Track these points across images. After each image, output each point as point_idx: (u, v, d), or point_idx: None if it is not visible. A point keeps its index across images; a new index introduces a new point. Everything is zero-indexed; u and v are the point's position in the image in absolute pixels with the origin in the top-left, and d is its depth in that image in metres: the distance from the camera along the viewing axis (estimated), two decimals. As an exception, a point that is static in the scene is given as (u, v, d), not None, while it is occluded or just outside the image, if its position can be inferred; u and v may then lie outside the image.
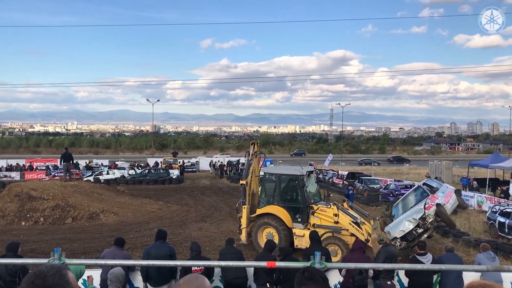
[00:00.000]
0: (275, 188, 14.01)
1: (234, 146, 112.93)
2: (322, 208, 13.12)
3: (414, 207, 11.85)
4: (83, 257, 13.21)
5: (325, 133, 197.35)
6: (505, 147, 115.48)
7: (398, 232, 11.40)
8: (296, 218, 13.33)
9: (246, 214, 13.59)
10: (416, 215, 11.34)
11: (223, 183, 37.66)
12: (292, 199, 14.02)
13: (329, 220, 12.82)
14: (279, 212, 13.22)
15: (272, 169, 16.89)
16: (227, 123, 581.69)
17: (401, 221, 11.65)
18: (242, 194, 13.79)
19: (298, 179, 13.69)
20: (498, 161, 29.82)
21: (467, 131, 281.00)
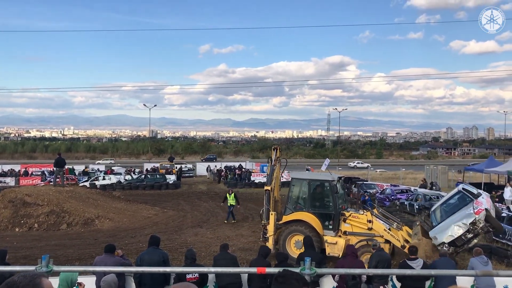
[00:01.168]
0: (305, 194, 13.63)
1: (231, 151, 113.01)
2: (355, 215, 12.79)
3: (459, 211, 11.63)
4: (77, 264, 13.15)
5: (323, 138, 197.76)
6: (500, 151, 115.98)
7: (447, 237, 11.17)
8: (327, 225, 12.95)
9: (273, 221, 13.07)
10: (466, 220, 11.08)
11: (220, 188, 37.56)
12: (323, 205, 13.64)
13: (362, 226, 12.50)
14: (309, 219, 12.78)
15: (301, 174, 16.47)
16: (224, 128, 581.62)
17: (448, 226, 11.41)
18: (267, 201, 13.28)
19: (331, 185, 13.36)
20: (493, 165, 29.89)
21: (463, 136, 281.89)
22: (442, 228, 11.50)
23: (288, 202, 13.74)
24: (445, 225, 11.53)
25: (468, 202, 11.63)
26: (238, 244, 16.32)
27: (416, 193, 26.48)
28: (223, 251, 8.53)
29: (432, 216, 12.57)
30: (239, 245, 16.14)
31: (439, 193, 26.48)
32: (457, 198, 12.31)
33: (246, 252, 14.73)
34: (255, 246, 14.90)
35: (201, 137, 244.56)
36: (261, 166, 50.61)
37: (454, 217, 11.50)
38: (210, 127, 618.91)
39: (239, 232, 18.70)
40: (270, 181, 13.60)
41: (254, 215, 23.13)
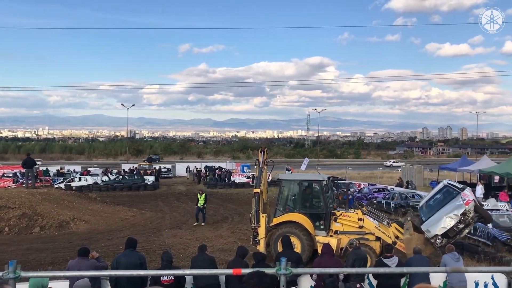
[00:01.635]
0: (296, 195, 13.57)
1: (211, 151, 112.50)
2: (346, 214, 12.88)
3: (447, 204, 11.85)
4: (50, 268, 12.85)
5: (302, 138, 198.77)
6: (473, 151, 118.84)
7: (440, 229, 11.40)
8: (318, 225, 12.95)
9: (264, 223, 12.87)
10: (457, 211, 11.34)
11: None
12: (314, 205, 13.66)
13: (353, 225, 12.61)
14: (301, 220, 12.73)
15: (290, 176, 16.27)
16: (204, 128, 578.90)
17: (440, 218, 11.63)
18: (256, 203, 13.00)
19: (321, 185, 13.42)
20: (466, 164, 30.67)
21: (438, 136, 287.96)
22: (434, 221, 11.72)
23: (278, 203, 13.64)
24: (436, 218, 11.75)
25: (455, 195, 11.89)
26: (217, 245, 16.25)
27: (393, 192, 26.91)
28: (201, 252, 8.47)
29: (421, 211, 12.78)
30: (218, 246, 16.08)
31: (414, 192, 26.99)
32: (443, 192, 12.53)
33: (225, 253, 14.68)
34: (234, 247, 14.84)
35: (180, 137, 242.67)
36: (241, 166, 50.64)
37: (444, 210, 11.74)
38: (190, 127, 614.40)
39: (219, 233, 18.63)
40: (259, 183, 13.39)
41: (234, 216, 23.11)
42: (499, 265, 11.78)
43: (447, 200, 11.97)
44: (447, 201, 11.96)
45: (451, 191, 12.15)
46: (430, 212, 12.21)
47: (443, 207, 11.87)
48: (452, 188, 12.26)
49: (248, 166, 52.10)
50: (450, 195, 12.04)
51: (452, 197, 11.90)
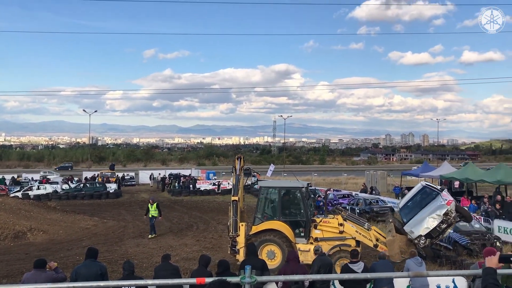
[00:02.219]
0: (275, 203, 13.30)
1: (176, 158, 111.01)
2: (326, 220, 12.77)
3: (428, 205, 12.03)
4: (5, 281, 12.20)
5: (269, 145, 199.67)
6: (434, 157, 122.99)
7: (423, 229, 11.59)
8: (298, 232, 12.74)
9: (244, 232, 12.61)
10: (439, 211, 11.54)
11: (164, 197, 36.71)
12: (294, 213, 13.39)
13: (333, 231, 12.50)
14: (281, 228, 12.49)
15: (269, 183, 15.89)
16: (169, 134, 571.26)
17: (422, 219, 11.78)
18: (234, 212, 12.75)
19: (301, 192, 13.21)
20: (427, 170, 31.58)
21: (401, 142, 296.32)
22: (416, 222, 11.90)
23: (256, 211, 13.34)
24: (418, 219, 11.94)
25: (434, 195, 12.18)
26: (181, 254, 15.98)
27: (357, 197, 27.34)
28: (164, 261, 8.28)
29: (401, 213, 12.93)
30: (182, 255, 15.80)
31: (378, 197, 27.52)
32: (421, 193, 12.79)
33: (190, 262, 14.44)
34: (199, 255, 14.61)
35: (144, 144, 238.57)
36: (207, 173, 50.19)
37: (426, 211, 11.94)
38: (154, 134, 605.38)
39: (183, 242, 18.31)
40: (237, 191, 13.20)
41: (199, 224, 22.80)
42: (459, 269, 12.11)
43: (427, 201, 12.24)
44: (427, 202, 12.23)
45: (429, 192, 12.45)
46: (411, 213, 12.42)
47: (423, 208, 12.10)
48: (430, 189, 12.59)
49: (214, 173, 51.72)
50: (429, 196, 12.33)
51: (431, 197, 12.19)
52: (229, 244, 13.03)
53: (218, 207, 29.78)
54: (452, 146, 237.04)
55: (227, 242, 17.98)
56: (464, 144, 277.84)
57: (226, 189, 38.42)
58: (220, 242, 18.12)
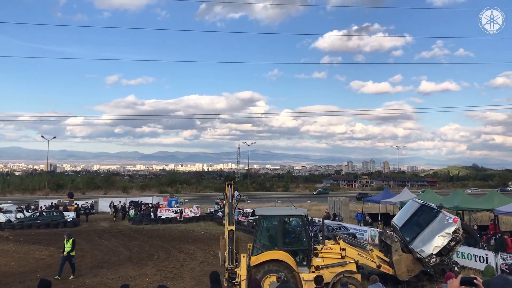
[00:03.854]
0: (276, 232, 12.84)
1: (138, 186, 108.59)
2: (327, 247, 12.51)
3: (431, 224, 12.18)
4: None
5: (233, 171, 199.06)
6: (395, 183, 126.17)
7: (434, 248, 11.72)
8: (300, 261, 12.36)
9: (245, 263, 11.96)
10: (448, 229, 11.67)
11: (124, 225, 35.65)
12: (295, 241, 13.02)
13: (335, 257, 12.30)
14: (284, 257, 12.03)
15: (267, 211, 15.29)
16: (131, 161, 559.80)
17: (430, 238, 11.90)
18: (230, 242, 12.10)
19: (302, 220, 12.91)
20: (388, 196, 32.35)
21: (362, 169, 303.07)
22: (424, 241, 12.05)
23: (256, 241, 12.80)
24: (425, 238, 12.09)
25: (436, 213, 12.39)
26: (141, 284, 15.48)
27: (320, 224, 27.49)
28: (123, 293, 7.93)
29: (403, 232, 12.98)
30: (142, 285, 15.32)
31: (341, 224, 27.81)
32: (422, 212, 12.98)
33: None
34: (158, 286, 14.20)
35: (105, 171, 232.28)
36: (169, 201, 49.26)
37: (431, 229, 12.10)
38: (115, 160, 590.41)
39: (143, 271, 17.73)
40: (232, 220, 12.71)
41: (160, 253, 22.20)
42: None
43: (429, 219, 12.42)
44: (429, 220, 12.41)
45: (429, 211, 12.72)
46: (413, 232, 12.58)
47: (428, 227, 12.29)
48: (430, 208, 12.87)
49: (176, 200, 50.84)
50: (430, 215, 12.56)
51: (433, 216, 12.40)
52: (225, 277, 12.13)
53: (180, 235, 29.19)
54: (412, 173, 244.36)
55: (189, 271, 17.65)
56: (423, 171, 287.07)
57: (188, 217, 37.80)
58: (182, 271, 17.70)
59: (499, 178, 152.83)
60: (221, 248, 13.19)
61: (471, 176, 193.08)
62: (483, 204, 22.98)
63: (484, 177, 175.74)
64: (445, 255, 12.25)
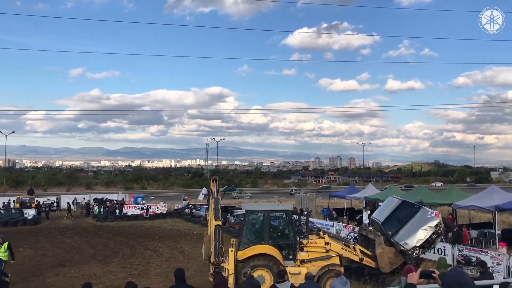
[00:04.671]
0: (262, 226, 13.05)
1: (102, 182, 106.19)
2: (313, 241, 12.83)
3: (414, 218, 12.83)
4: None
5: (201, 168, 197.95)
6: (360, 179, 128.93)
7: (417, 241, 12.34)
8: (286, 255, 12.61)
9: (233, 258, 12.07)
10: (431, 223, 12.34)
11: (88, 223, 34.81)
12: (282, 236, 13.27)
13: (319, 251, 12.63)
14: (272, 252, 12.24)
15: (254, 206, 15.41)
16: (95, 157, 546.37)
17: (413, 231, 12.53)
18: (217, 237, 12.14)
19: (289, 215, 13.23)
20: (353, 192, 33.01)
21: (329, 165, 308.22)
22: (407, 235, 12.65)
23: (242, 236, 13.00)
24: (408, 231, 12.72)
25: (417, 209, 13.17)
26: (106, 282, 15.21)
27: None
28: (84, 291, 7.74)
29: (385, 226, 13.47)
30: (107, 283, 15.06)
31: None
32: (403, 208, 13.64)
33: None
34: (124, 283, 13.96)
35: (68, 167, 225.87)
36: (135, 197, 48.43)
37: (413, 223, 12.76)
38: (79, 156, 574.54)
39: (108, 269, 17.40)
40: (219, 215, 12.74)
41: (125, 250, 21.83)
42: (382, 286, 12.69)
43: (411, 214, 13.11)
44: (411, 215, 13.09)
45: (411, 207, 13.48)
46: (397, 226, 13.17)
47: (410, 221, 12.93)
48: (411, 204, 13.67)
49: (142, 197, 50.06)
50: (411, 210, 13.27)
51: (415, 211, 13.12)
52: (210, 271, 12.24)
53: (146, 232, 28.78)
54: (377, 169, 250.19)
55: (155, 268, 17.44)
56: (388, 167, 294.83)
57: (154, 214, 37.31)
58: (148, 268, 17.48)
59: (458, 173, 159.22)
60: (205, 243, 13.30)
61: (432, 172, 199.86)
62: (443, 199, 23.80)
63: (445, 173, 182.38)
64: (427, 247, 12.96)
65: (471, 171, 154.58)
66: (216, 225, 12.25)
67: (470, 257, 15.20)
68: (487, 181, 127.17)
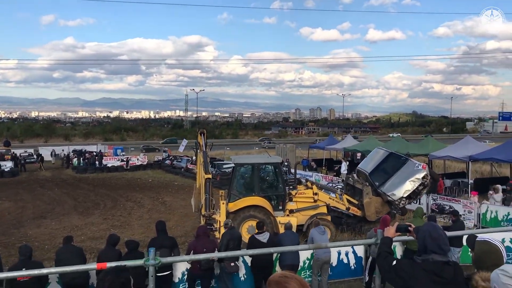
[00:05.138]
0: (252, 178, 13.21)
1: (81, 134, 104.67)
2: (301, 192, 13.12)
3: (401, 170, 13.20)
4: None
5: (181, 119, 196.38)
6: (340, 130, 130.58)
7: (404, 192, 12.73)
8: (276, 206, 12.88)
9: (225, 210, 12.24)
10: (418, 175, 12.72)
11: (67, 174, 34.61)
12: (271, 187, 13.53)
13: (308, 201, 12.97)
14: (262, 203, 12.47)
15: (243, 159, 15.43)
16: (72, 108, 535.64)
17: (400, 183, 12.92)
18: (207, 190, 12.24)
19: (278, 167, 13.41)
20: (332, 143, 33.40)
21: (309, 116, 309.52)
22: (394, 186, 13.07)
23: (232, 188, 13.13)
24: (396, 182, 13.12)
25: (404, 161, 13.53)
26: (88, 233, 15.33)
27: (268, 170, 28.07)
28: (66, 243, 7.83)
29: (372, 177, 13.81)
30: (89, 234, 15.18)
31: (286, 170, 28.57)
32: (391, 159, 14.00)
33: (96, 241, 13.94)
34: (106, 234, 14.05)
35: (44, 118, 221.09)
36: (114, 149, 48.10)
37: (401, 175, 13.14)
38: (55, 107, 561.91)
39: (89, 220, 17.52)
40: (208, 168, 12.81)
41: (107, 201, 21.91)
42: (358, 234, 13.21)
43: (398, 166, 13.47)
44: (398, 167, 13.45)
45: (398, 158, 13.85)
46: (384, 177, 13.56)
47: (397, 172, 13.29)
48: (398, 156, 14.10)
49: (122, 148, 49.76)
50: (399, 162, 13.62)
51: (402, 163, 13.48)
52: (201, 223, 12.34)
53: (127, 184, 28.84)
54: (356, 120, 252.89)
55: (137, 219, 17.62)
56: (367, 117, 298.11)
57: (135, 165, 37.25)
58: (129, 219, 17.66)
59: (435, 124, 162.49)
60: (195, 196, 13.53)
61: (410, 122, 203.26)
62: (419, 149, 24.30)
63: (423, 123, 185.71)
64: (413, 198, 13.42)
65: (448, 121, 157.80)
66: (206, 178, 12.36)
67: (443, 206, 15.82)
68: (463, 131, 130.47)
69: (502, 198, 15.05)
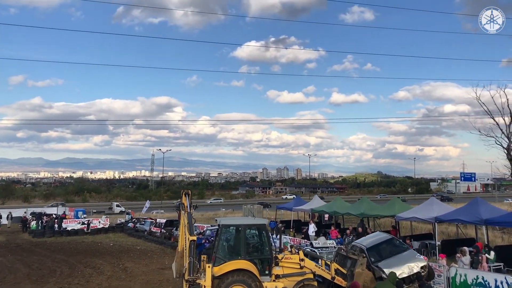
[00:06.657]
0: (238, 241, 12.63)
1: (41, 195, 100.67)
2: (288, 256, 12.67)
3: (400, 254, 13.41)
4: None
5: (146, 179, 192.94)
6: (307, 190, 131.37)
7: (400, 273, 12.49)
8: (262, 270, 12.31)
9: (210, 274, 11.54)
10: (419, 263, 12.79)
11: (23, 239, 32.69)
12: (258, 250, 12.94)
13: (294, 267, 12.51)
14: (249, 267, 11.92)
15: (229, 221, 14.90)
16: (35, 168, 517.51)
17: (399, 264, 12.87)
18: (191, 252, 11.66)
19: (265, 229, 12.94)
20: (300, 204, 33.36)
21: (277, 176, 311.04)
22: (391, 265, 12.98)
23: (217, 251, 12.47)
24: (393, 263, 13.13)
25: (405, 248, 13.93)
26: (40, 305, 14.16)
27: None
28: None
29: (370, 253, 13.77)
30: (41, 305, 14.02)
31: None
32: (391, 244, 14.29)
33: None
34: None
35: (4, 178, 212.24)
36: (75, 211, 46.25)
37: (401, 258, 13.29)
38: (16, 167, 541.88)
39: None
40: (192, 230, 12.33)
41: (64, 268, 20.59)
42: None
43: (398, 250, 13.81)
44: (398, 251, 13.77)
45: (399, 245, 14.25)
46: (381, 256, 13.73)
47: (397, 255, 13.52)
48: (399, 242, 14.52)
49: (84, 211, 47.93)
50: (399, 248, 14.01)
51: (402, 249, 13.89)
52: None
53: (86, 248, 27.41)
54: (323, 180, 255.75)
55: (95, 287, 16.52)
56: (333, 177, 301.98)
57: (96, 228, 35.71)
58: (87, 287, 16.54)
59: (400, 184, 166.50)
60: (177, 260, 12.82)
61: (376, 182, 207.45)
62: (386, 211, 24.57)
63: (388, 183, 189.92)
64: (407, 283, 13.06)
65: (412, 181, 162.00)
66: (191, 240, 11.91)
67: (412, 269, 15.70)
68: (427, 191, 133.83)
69: (470, 260, 15.12)
